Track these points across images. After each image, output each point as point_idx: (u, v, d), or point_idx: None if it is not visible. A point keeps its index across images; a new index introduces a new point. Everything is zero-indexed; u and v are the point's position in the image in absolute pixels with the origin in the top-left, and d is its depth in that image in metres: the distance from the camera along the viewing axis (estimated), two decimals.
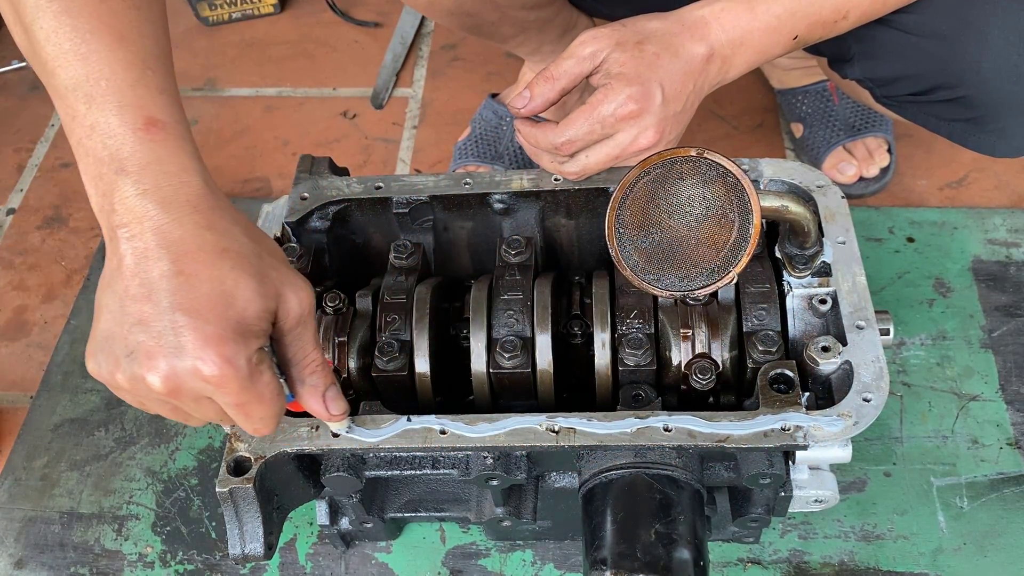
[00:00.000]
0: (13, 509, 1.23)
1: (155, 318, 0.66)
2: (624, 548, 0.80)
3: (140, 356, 0.66)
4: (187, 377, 0.66)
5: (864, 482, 1.17)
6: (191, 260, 0.67)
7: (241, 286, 0.67)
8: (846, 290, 0.92)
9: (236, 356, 0.66)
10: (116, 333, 0.68)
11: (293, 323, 0.72)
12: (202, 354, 0.65)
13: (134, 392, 0.70)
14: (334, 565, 1.15)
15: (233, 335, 0.66)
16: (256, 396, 0.69)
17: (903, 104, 1.12)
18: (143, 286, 0.66)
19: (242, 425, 0.72)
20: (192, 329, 0.65)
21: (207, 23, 1.91)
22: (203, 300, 0.66)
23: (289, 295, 0.71)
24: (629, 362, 0.91)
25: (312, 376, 0.76)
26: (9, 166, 1.69)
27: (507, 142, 1.52)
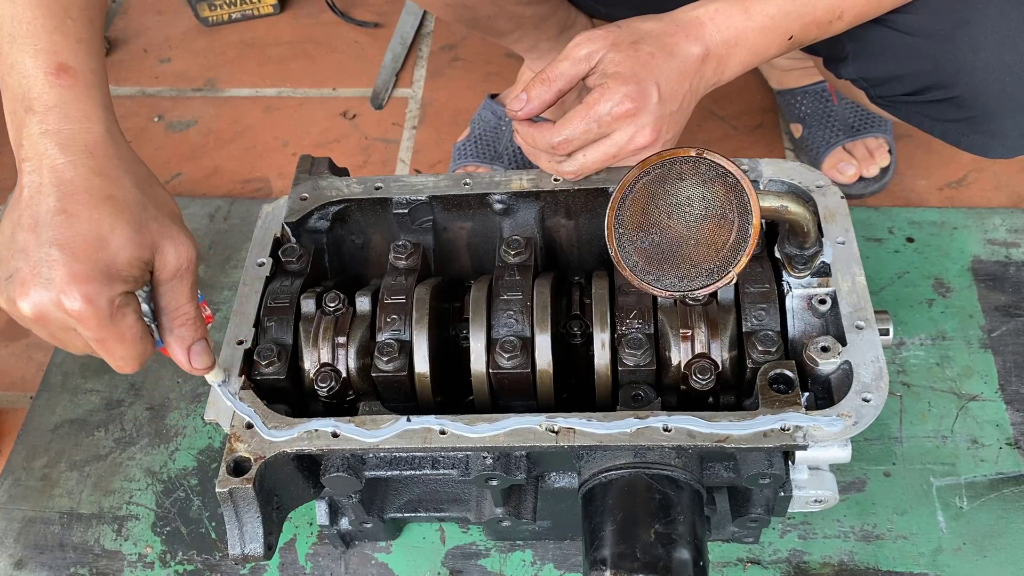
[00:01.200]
0: (13, 509, 1.23)
1: (34, 249, 0.72)
2: (624, 548, 0.80)
3: (16, 281, 0.72)
4: (51, 308, 0.72)
5: (864, 482, 1.17)
6: (75, 201, 0.72)
7: (117, 232, 0.73)
8: (846, 290, 0.92)
9: (98, 296, 0.71)
10: (2, 256, 0.74)
11: (169, 275, 0.78)
12: (67, 289, 0.71)
13: (12, 314, 0.75)
14: (334, 565, 1.15)
15: (99, 276, 0.72)
16: (116, 335, 0.74)
17: (897, 104, 1.12)
18: (31, 218, 0.72)
19: (107, 360, 0.77)
20: (62, 264, 0.71)
21: (207, 23, 1.91)
22: (78, 239, 0.71)
23: (167, 248, 0.76)
24: (629, 362, 0.91)
25: (181, 328, 0.81)
26: (9, 166, 1.69)
27: (506, 142, 1.52)
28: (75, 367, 1.36)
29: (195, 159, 1.67)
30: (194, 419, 1.29)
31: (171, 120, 1.74)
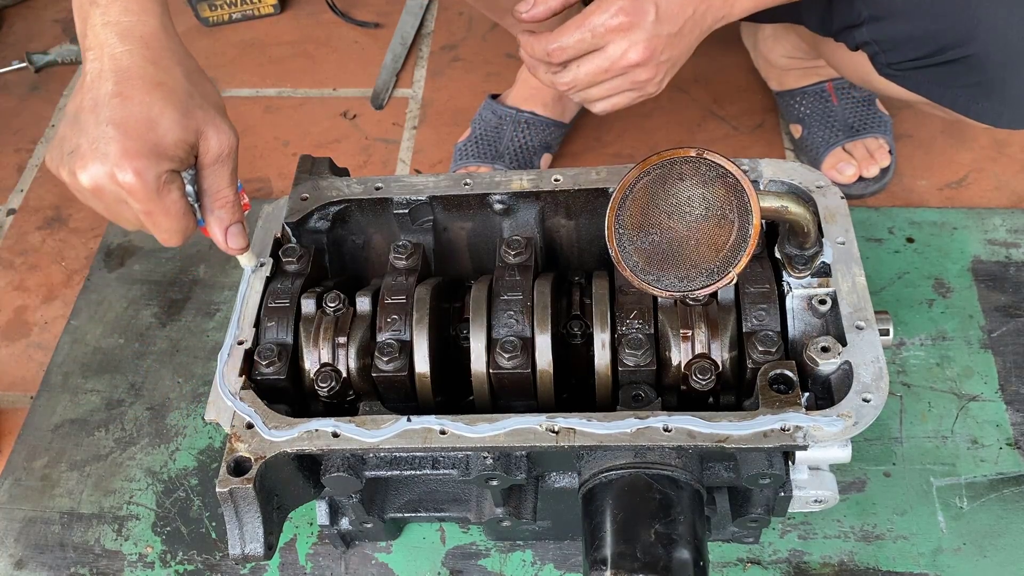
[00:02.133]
0: (13, 509, 1.23)
1: (93, 127, 0.80)
2: (624, 548, 0.80)
3: (76, 156, 0.81)
4: (106, 180, 0.80)
5: (864, 482, 1.17)
6: (130, 86, 0.81)
7: (165, 115, 0.81)
8: (846, 290, 0.92)
9: (146, 170, 0.80)
10: (67, 135, 0.83)
11: (211, 159, 0.86)
12: (120, 163, 0.79)
13: (72, 186, 0.84)
14: (334, 565, 1.15)
15: (148, 153, 0.80)
16: (162, 209, 0.82)
17: (907, 73, 1.12)
18: (92, 100, 0.81)
19: (153, 233, 0.85)
20: (116, 141, 0.79)
21: (207, 23, 1.91)
22: (131, 120, 0.80)
23: (211, 134, 0.85)
24: (629, 362, 0.91)
25: (220, 210, 0.89)
26: (9, 166, 1.69)
27: (507, 142, 1.52)
28: (75, 367, 1.36)
29: None
30: (194, 419, 1.29)
31: None
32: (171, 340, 1.38)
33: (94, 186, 0.81)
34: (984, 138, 1.54)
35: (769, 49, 1.54)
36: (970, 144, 1.54)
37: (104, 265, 1.49)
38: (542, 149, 1.53)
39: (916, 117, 1.58)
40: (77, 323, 1.42)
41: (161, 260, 1.48)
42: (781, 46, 1.52)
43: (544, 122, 1.53)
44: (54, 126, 1.74)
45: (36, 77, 1.85)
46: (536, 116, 1.53)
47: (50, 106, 1.79)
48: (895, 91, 1.18)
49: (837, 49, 1.23)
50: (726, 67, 1.70)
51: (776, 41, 1.52)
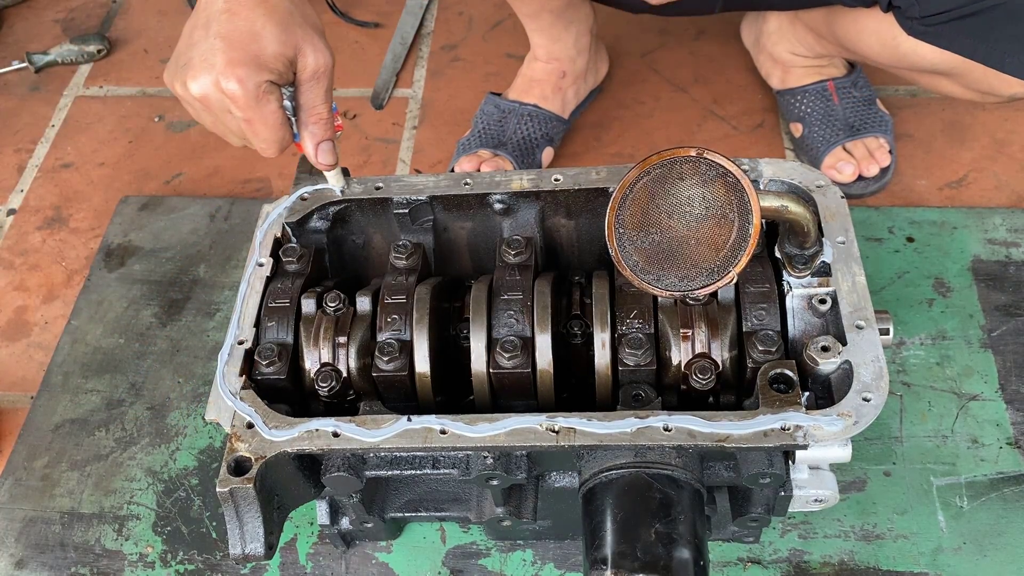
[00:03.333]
0: (14, 509, 1.23)
1: (203, 41, 0.87)
2: (624, 547, 0.80)
3: (188, 67, 0.88)
4: (212, 89, 0.87)
5: (864, 482, 1.17)
6: (237, 3, 0.88)
7: (267, 29, 0.87)
8: (846, 290, 0.92)
9: (247, 78, 0.86)
10: (181, 51, 0.90)
11: (308, 76, 0.91)
12: (224, 71, 0.86)
13: (184, 98, 0.91)
14: (335, 565, 1.15)
15: (250, 62, 0.86)
16: (261, 117, 0.88)
17: (939, 28, 1.12)
18: (205, 18, 0.89)
19: (253, 142, 0.92)
20: (222, 52, 0.86)
21: None
22: (236, 32, 0.87)
23: (308, 51, 0.90)
24: (629, 362, 0.91)
25: (314, 125, 0.94)
26: (9, 166, 1.69)
27: (510, 134, 1.52)
28: (75, 367, 1.36)
29: (195, 159, 1.67)
30: (195, 419, 1.29)
31: (171, 120, 1.74)
32: (171, 340, 1.38)
33: (202, 95, 0.88)
34: (984, 138, 1.55)
35: (774, 44, 1.54)
36: (970, 144, 1.54)
37: (104, 265, 1.49)
38: (545, 142, 1.54)
39: (916, 117, 1.58)
40: (77, 323, 1.42)
41: (161, 260, 1.48)
42: (786, 41, 1.52)
43: (546, 115, 1.54)
44: (54, 126, 1.74)
45: (36, 77, 1.85)
46: (539, 109, 1.54)
47: (50, 106, 1.79)
48: (920, 58, 1.18)
49: (858, 20, 1.23)
50: (726, 67, 1.70)
51: (781, 36, 1.52)
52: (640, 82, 1.69)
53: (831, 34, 1.39)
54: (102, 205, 1.60)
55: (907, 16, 1.14)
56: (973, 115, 1.58)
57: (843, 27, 1.33)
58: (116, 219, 1.55)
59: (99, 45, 1.84)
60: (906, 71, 1.30)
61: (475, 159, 1.49)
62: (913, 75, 1.30)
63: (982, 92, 1.21)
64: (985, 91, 1.20)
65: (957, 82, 1.22)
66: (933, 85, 1.29)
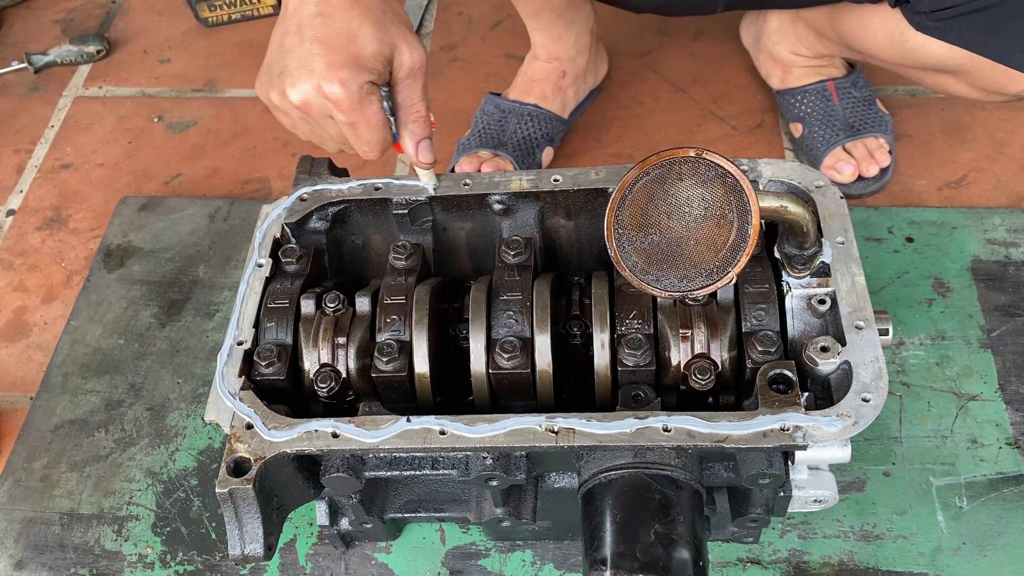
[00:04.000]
0: (13, 510, 1.23)
1: (299, 47, 0.87)
2: (623, 548, 0.80)
3: (285, 76, 0.88)
4: (314, 94, 0.87)
5: (863, 482, 1.17)
6: (331, 6, 0.87)
7: (364, 29, 0.87)
8: (845, 290, 0.92)
9: (350, 80, 0.86)
10: (274, 60, 0.90)
11: (405, 73, 0.91)
12: (326, 75, 0.86)
13: (281, 107, 0.91)
14: (334, 566, 1.15)
15: (351, 64, 0.86)
16: (363, 119, 0.88)
17: (948, 23, 1.12)
18: (296, 24, 0.88)
19: (354, 145, 0.92)
20: (321, 56, 0.86)
21: (207, 24, 1.91)
22: (333, 35, 0.86)
23: (403, 48, 0.90)
24: (628, 362, 0.91)
25: (414, 124, 0.95)
26: (9, 167, 1.69)
27: (511, 133, 1.52)
28: (75, 368, 1.36)
29: (195, 159, 1.67)
30: (194, 420, 1.29)
31: (171, 121, 1.74)
32: (171, 341, 1.38)
33: (303, 101, 0.87)
34: (983, 138, 1.55)
35: (774, 44, 1.54)
36: (970, 144, 1.54)
37: (104, 266, 1.49)
38: (545, 142, 1.54)
39: (916, 117, 1.58)
40: (77, 324, 1.42)
41: (161, 261, 1.48)
42: (787, 40, 1.52)
43: (546, 115, 1.54)
44: (53, 126, 1.74)
45: (35, 78, 1.85)
46: (539, 109, 1.54)
47: (49, 107, 1.79)
48: (927, 54, 1.17)
49: (864, 17, 1.22)
50: (725, 67, 1.70)
51: (782, 35, 1.52)
52: (640, 82, 1.69)
53: (835, 32, 1.38)
54: (101, 206, 1.60)
55: (915, 11, 1.14)
56: (972, 115, 1.58)
57: (848, 25, 1.32)
58: (115, 220, 1.55)
59: (98, 46, 1.84)
60: (911, 69, 1.29)
61: (475, 159, 1.49)
62: (918, 73, 1.30)
63: (988, 90, 1.20)
64: (991, 89, 1.19)
65: (963, 80, 1.21)
66: (938, 84, 1.28)
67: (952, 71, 1.20)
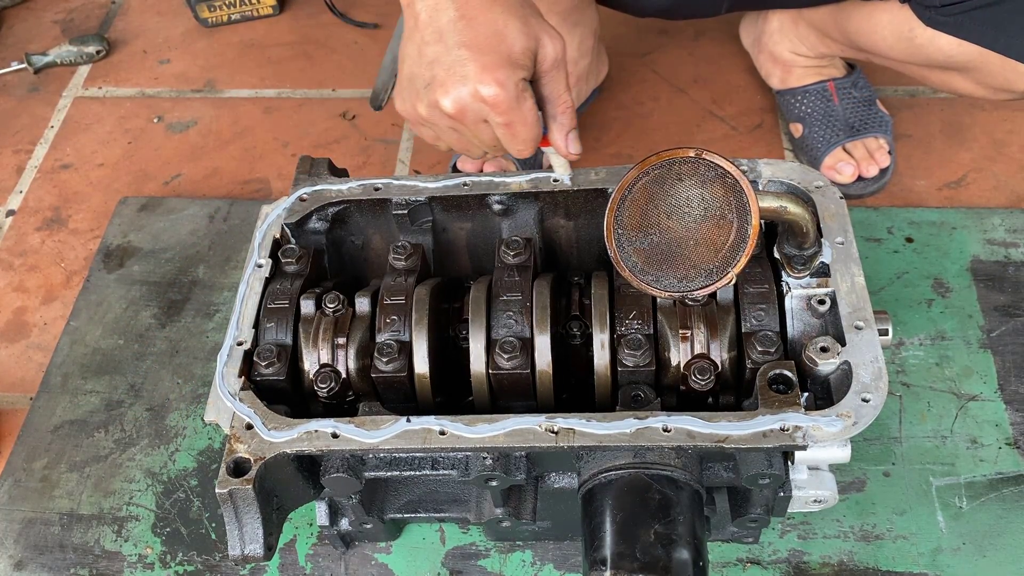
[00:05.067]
0: (13, 510, 1.23)
1: (444, 55, 0.85)
2: (623, 548, 0.80)
3: (435, 86, 0.86)
4: (469, 99, 0.85)
5: (863, 482, 1.17)
6: (471, 8, 0.85)
7: (510, 26, 0.85)
8: (845, 290, 0.92)
9: (507, 80, 0.84)
10: (416, 73, 0.88)
11: (549, 65, 0.89)
12: (481, 78, 0.84)
13: (431, 119, 0.89)
14: (334, 566, 1.15)
15: (505, 63, 0.84)
16: (521, 118, 0.87)
17: (958, 18, 1.11)
18: (434, 32, 0.85)
19: (509, 146, 0.89)
20: (473, 60, 0.84)
21: (206, 24, 1.91)
22: (481, 38, 0.84)
23: (546, 40, 0.88)
24: (628, 363, 0.91)
25: (563, 115, 0.92)
26: (9, 167, 1.69)
27: None
28: (75, 368, 1.36)
29: (195, 160, 1.67)
30: (194, 420, 1.29)
31: (171, 121, 1.74)
32: (170, 341, 1.38)
33: (458, 108, 0.86)
34: (983, 138, 1.55)
35: (775, 43, 1.54)
36: (969, 144, 1.54)
37: (103, 266, 1.49)
38: None
39: (916, 117, 1.58)
40: (76, 324, 1.42)
41: (160, 261, 1.48)
42: (788, 40, 1.52)
43: None
44: (53, 127, 1.74)
45: (35, 78, 1.85)
46: None
47: (49, 107, 1.79)
48: (936, 49, 1.17)
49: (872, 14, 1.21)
50: (725, 67, 1.71)
51: (783, 35, 1.52)
52: (639, 83, 1.69)
53: (839, 31, 1.38)
54: (101, 206, 1.60)
55: (925, 5, 1.13)
56: (972, 115, 1.58)
57: (855, 22, 1.31)
58: (115, 220, 1.55)
59: (98, 46, 1.84)
60: (918, 67, 1.28)
61: (477, 160, 1.49)
62: (924, 71, 1.29)
63: (996, 88, 1.19)
64: (1000, 87, 1.18)
65: (970, 78, 1.20)
66: (944, 82, 1.27)
67: (960, 68, 1.19)
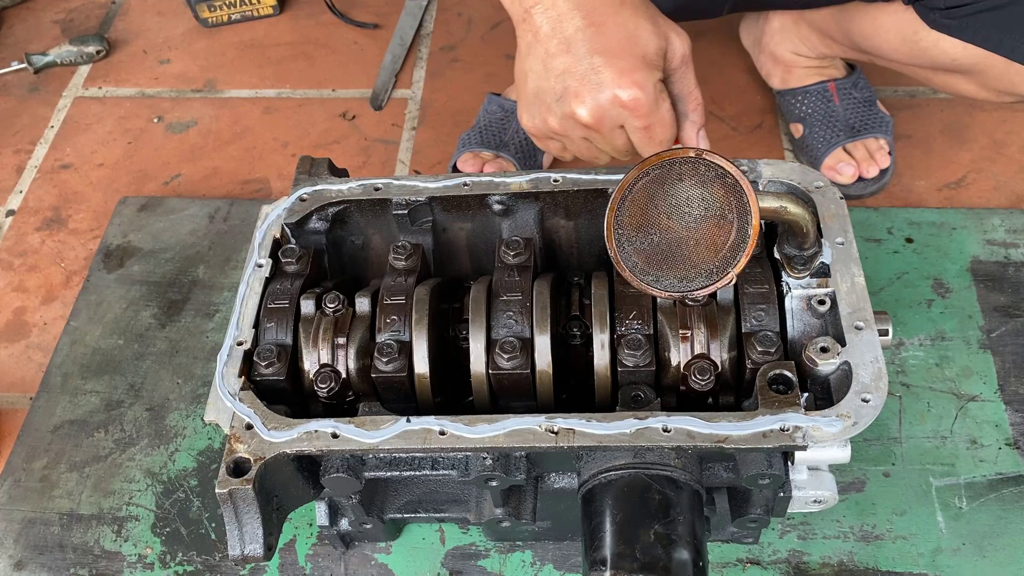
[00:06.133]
0: (13, 510, 1.23)
1: (576, 64, 0.83)
2: (623, 548, 0.80)
3: (569, 97, 0.84)
4: (608, 106, 0.84)
5: (863, 482, 1.17)
6: (598, 14, 0.83)
7: (641, 28, 0.84)
8: (845, 291, 0.92)
9: (645, 82, 0.83)
10: (544, 87, 0.86)
11: (679, 62, 0.88)
12: (620, 82, 0.82)
13: (563, 131, 0.88)
14: (334, 566, 1.15)
15: (641, 66, 0.83)
16: (660, 119, 0.86)
17: (963, 21, 1.11)
18: (561, 43, 0.84)
19: (644, 149, 0.88)
20: (608, 66, 0.82)
21: (206, 24, 1.91)
22: (613, 42, 0.82)
23: (674, 37, 0.87)
24: (628, 363, 0.91)
25: (694, 112, 0.92)
26: (8, 167, 1.69)
27: (512, 134, 1.52)
28: (75, 368, 1.36)
29: (195, 160, 1.67)
30: (194, 420, 1.29)
31: (171, 121, 1.74)
32: (170, 341, 1.38)
33: (596, 117, 0.84)
34: (983, 139, 1.55)
35: (776, 44, 1.54)
36: (969, 145, 1.54)
37: (103, 266, 1.49)
38: None
39: (916, 118, 1.58)
40: (76, 324, 1.42)
41: (160, 261, 1.48)
42: (789, 41, 1.52)
43: None
44: (53, 127, 1.74)
45: (35, 78, 1.85)
46: None
47: (49, 107, 1.79)
48: (941, 52, 1.16)
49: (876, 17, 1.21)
50: (725, 68, 1.71)
51: (784, 36, 1.52)
52: None
53: (842, 32, 1.37)
54: (101, 206, 1.60)
55: (930, 8, 1.13)
56: (972, 116, 1.58)
57: (858, 24, 1.31)
58: (115, 220, 1.55)
59: (98, 46, 1.84)
60: (921, 69, 1.28)
61: (478, 160, 1.49)
62: (927, 74, 1.28)
63: (1000, 91, 1.19)
64: (1004, 89, 1.18)
65: (974, 80, 1.20)
66: (948, 84, 1.27)
67: (964, 71, 1.19)
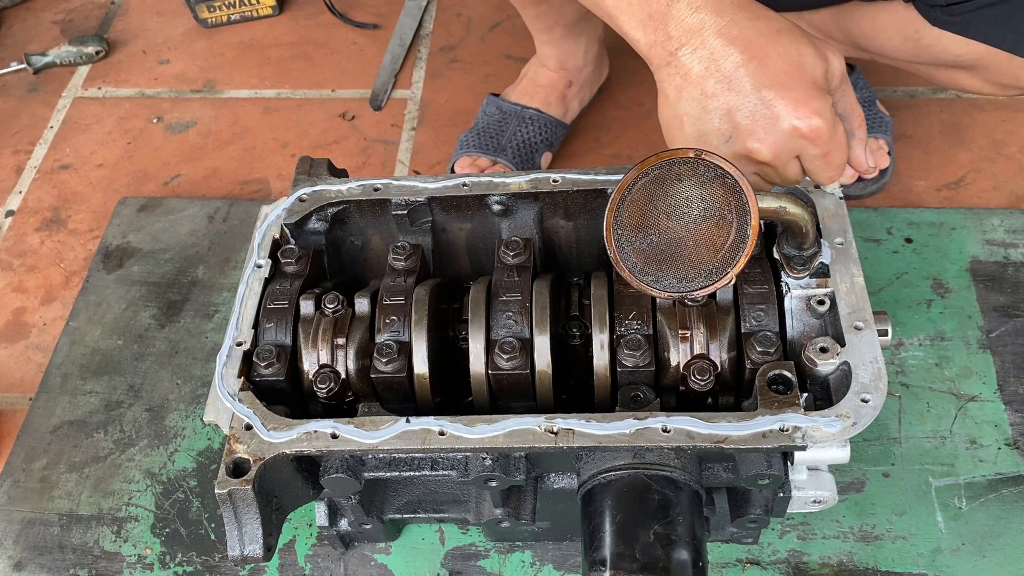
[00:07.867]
0: (12, 511, 1.23)
1: (743, 102, 0.79)
2: (623, 549, 0.80)
3: (741, 136, 0.81)
4: (786, 139, 0.80)
5: (863, 483, 1.17)
6: (757, 46, 0.79)
7: (805, 54, 0.80)
8: (844, 291, 0.92)
9: (823, 109, 0.80)
10: (706, 129, 0.82)
11: (839, 81, 0.85)
12: (797, 113, 0.79)
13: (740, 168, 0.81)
14: (333, 566, 1.15)
15: (815, 93, 0.80)
16: (837, 144, 0.83)
17: (965, 17, 1.11)
18: (720, 82, 0.80)
19: (821, 175, 0.85)
20: (780, 98, 0.79)
21: (206, 25, 1.91)
22: (781, 73, 0.79)
23: (831, 56, 0.84)
24: (628, 363, 0.91)
25: (859, 129, 0.89)
26: (8, 168, 1.69)
27: (510, 136, 1.52)
28: (74, 368, 1.36)
29: (194, 160, 1.67)
30: (193, 420, 1.29)
31: (170, 121, 1.74)
32: (170, 341, 1.38)
33: (775, 152, 0.81)
34: (982, 139, 1.55)
35: None
36: (968, 145, 1.54)
37: (103, 267, 1.49)
38: (544, 146, 1.53)
39: (915, 118, 1.58)
40: (76, 324, 1.41)
41: (160, 261, 1.48)
42: None
43: (547, 120, 1.54)
44: (52, 127, 1.74)
45: (35, 78, 1.85)
46: (540, 113, 1.53)
47: (49, 107, 1.79)
48: (943, 49, 1.16)
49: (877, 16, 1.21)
50: None
51: None
52: (639, 83, 1.69)
53: (842, 32, 1.37)
54: (100, 206, 1.60)
55: (931, 5, 1.12)
56: (971, 116, 1.58)
57: (859, 23, 1.31)
58: (115, 220, 1.55)
59: (98, 46, 1.84)
60: (925, 66, 1.27)
61: (475, 167, 1.49)
62: (931, 71, 1.28)
63: (1004, 85, 1.18)
64: (1008, 84, 1.17)
65: (977, 75, 1.19)
66: (950, 80, 1.27)
67: (967, 66, 1.18)
